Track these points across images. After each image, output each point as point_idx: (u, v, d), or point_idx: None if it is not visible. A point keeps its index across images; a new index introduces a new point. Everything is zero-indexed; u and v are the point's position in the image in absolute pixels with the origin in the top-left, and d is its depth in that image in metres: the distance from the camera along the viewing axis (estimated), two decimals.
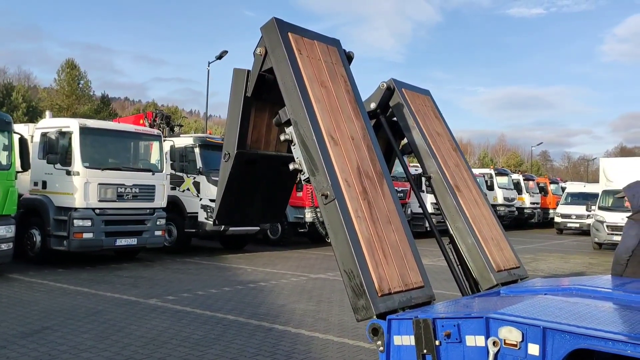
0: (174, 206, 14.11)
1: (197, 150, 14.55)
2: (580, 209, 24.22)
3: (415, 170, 24.59)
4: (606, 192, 18.67)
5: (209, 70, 27.21)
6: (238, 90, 4.03)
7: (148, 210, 12.62)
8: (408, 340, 3.35)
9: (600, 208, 18.31)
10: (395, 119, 5.00)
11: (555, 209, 30.55)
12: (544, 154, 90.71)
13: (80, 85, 50.54)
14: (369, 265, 3.52)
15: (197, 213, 14.33)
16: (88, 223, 11.36)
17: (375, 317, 3.45)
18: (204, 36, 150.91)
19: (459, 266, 5.00)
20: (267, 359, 5.58)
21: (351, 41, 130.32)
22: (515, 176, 28.47)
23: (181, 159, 14.52)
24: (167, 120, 17.19)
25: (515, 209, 27.03)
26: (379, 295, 3.49)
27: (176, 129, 17.56)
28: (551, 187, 30.62)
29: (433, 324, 3.20)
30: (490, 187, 25.57)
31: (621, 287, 4.10)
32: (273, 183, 4.45)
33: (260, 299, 8.68)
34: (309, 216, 16.98)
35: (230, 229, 14.47)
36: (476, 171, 27.09)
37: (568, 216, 24.74)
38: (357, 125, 3.93)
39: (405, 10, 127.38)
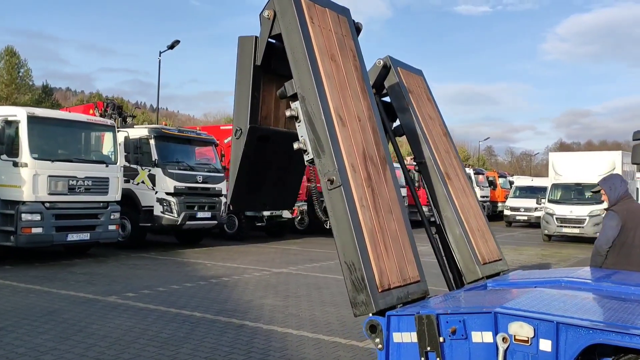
0: (128, 200, 13.57)
1: (152, 141, 14.04)
2: (529, 202, 24.99)
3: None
4: (555, 186, 19.30)
5: (160, 60, 26.44)
6: (246, 59, 3.71)
7: (101, 204, 12.09)
8: (409, 337, 3.23)
9: (550, 201, 18.91)
10: (388, 99, 4.86)
11: (504, 202, 31.43)
12: (489, 149, 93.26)
13: (21, 74, 48.18)
14: (371, 258, 3.38)
15: (152, 207, 13.84)
16: (37, 217, 10.75)
17: (374, 313, 3.33)
18: (155, 26, 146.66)
19: (443, 257, 4.94)
20: (242, 357, 5.37)
21: None
22: (467, 170, 29.02)
23: (135, 151, 13.97)
24: (118, 111, 16.55)
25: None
26: (380, 290, 3.36)
27: (129, 119, 16.92)
28: (500, 181, 31.48)
29: (437, 320, 3.10)
30: None
31: (607, 278, 4.13)
32: (284, 164, 4.17)
33: (226, 294, 8.43)
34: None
35: (187, 223, 14.11)
36: None
37: (517, 209, 25.47)
38: (364, 105, 3.77)
39: (357, 4, 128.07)
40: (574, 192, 19.07)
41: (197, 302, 7.77)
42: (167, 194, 13.83)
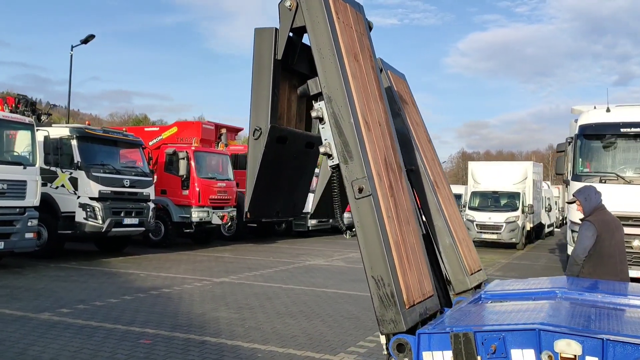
0: (45, 205, 12.44)
1: (74, 142, 13.03)
2: None
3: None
4: (475, 193, 20.17)
5: (72, 55, 24.72)
6: (265, 53, 3.36)
7: (18, 210, 11.03)
8: (441, 356, 3.08)
9: (470, 208, 19.73)
10: None
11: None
12: None
13: None
14: (398, 273, 3.20)
15: (74, 212, 12.83)
16: None
17: (405, 331, 3.16)
18: (55, 19, 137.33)
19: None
20: None
21: (213, 36, 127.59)
22: None
23: (55, 152, 12.88)
24: (32, 108, 15.18)
25: None
26: (407, 306, 3.19)
27: (43, 117, 15.59)
28: None
29: (474, 337, 2.98)
30: None
31: (597, 289, 4.22)
32: (297, 168, 3.86)
33: (173, 308, 7.91)
34: (196, 215, 16.13)
35: (113, 229, 13.23)
36: None
37: None
38: (382, 108, 3.58)
39: (270, 10, 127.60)
40: (491, 200, 20.04)
41: (144, 317, 7.21)
42: (91, 198, 12.88)
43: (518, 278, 11.64)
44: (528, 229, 19.92)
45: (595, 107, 12.35)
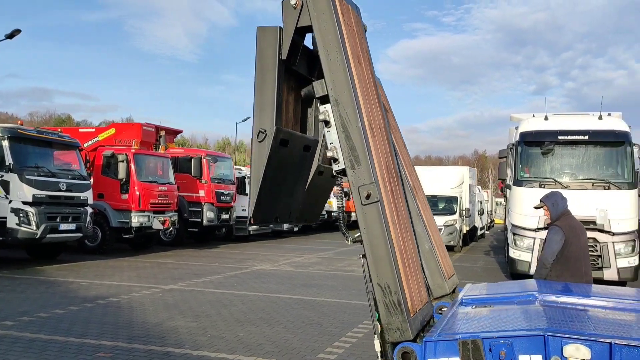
0: None
1: (6, 143, 12.20)
2: None
3: (239, 172, 23.85)
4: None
5: None
6: (268, 52, 3.23)
7: None
8: None
9: None
10: None
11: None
12: None
13: None
14: (403, 280, 3.19)
15: (5, 218, 12.00)
16: None
17: (411, 339, 3.15)
18: None
19: None
20: None
21: (141, 35, 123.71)
22: None
23: None
24: None
25: (325, 213, 28.37)
26: (412, 314, 3.19)
27: None
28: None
29: (482, 344, 3.01)
30: None
31: (569, 292, 4.39)
32: (296, 172, 3.74)
33: (126, 318, 7.55)
34: (136, 220, 15.52)
35: (48, 235, 12.49)
36: None
37: None
38: (380, 113, 3.56)
39: (200, 10, 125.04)
40: (430, 204, 20.49)
41: (97, 329, 6.83)
42: (25, 203, 12.11)
43: (468, 281, 11.97)
44: (464, 231, 20.60)
45: (534, 115, 12.98)
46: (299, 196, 3.97)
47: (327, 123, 3.22)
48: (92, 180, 14.75)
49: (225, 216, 19.50)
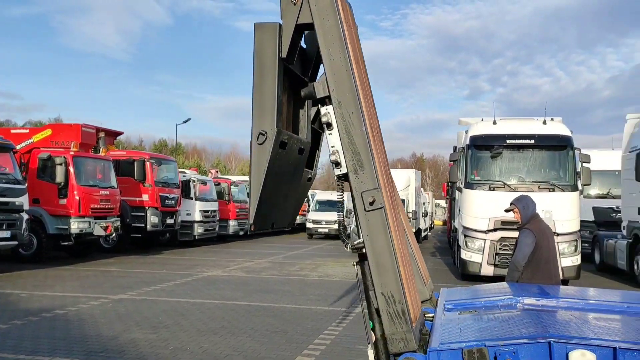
0: None
1: None
2: (329, 215, 26.50)
3: (184, 176, 23.25)
4: None
5: None
6: (268, 50, 3.03)
7: None
8: None
9: None
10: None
11: (302, 215, 32.79)
12: None
13: None
14: (405, 289, 3.09)
15: None
16: None
17: (415, 349, 3.04)
18: None
19: None
20: None
21: (69, 32, 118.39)
22: None
23: None
24: None
25: None
26: (413, 323, 3.09)
27: None
28: None
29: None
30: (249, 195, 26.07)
31: (546, 295, 4.42)
32: (291, 175, 3.54)
33: (77, 331, 7.06)
34: (75, 227, 14.72)
35: None
36: (234, 178, 27.33)
37: (319, 222, 26.75)
38: (376, 115, 3.44)
39: (133, 8, 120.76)
40: None
41: (48, 344, 6.35)
42: None
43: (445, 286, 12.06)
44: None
45: (482, 120, 13.32)
46: (292, 200, 3.80)
47: (328, 125, 3.07)
48: (26, 184, 13.87)
49: (170, 221, 18.89)
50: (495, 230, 11.98)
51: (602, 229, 16.38)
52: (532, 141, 12.17)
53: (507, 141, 12.19)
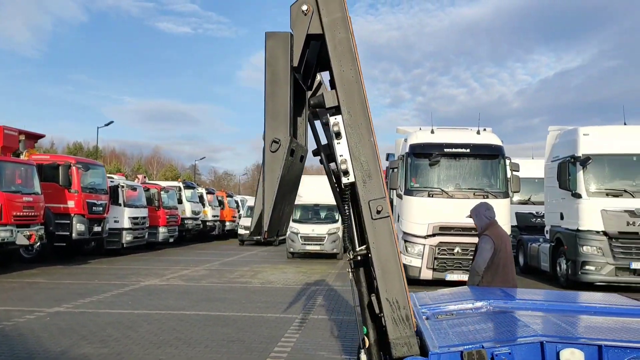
0: None
1: None
2: None
3: (112, 181, 22.42)
4: (296, 206, 20.76)
5: None
6: (280, 59, 3.01)
7: None
8: None
9: (293, 221, 20.25)
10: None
11: (232, 221, 32.39)
12: (193, 167, 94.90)
13: None
14: (407, 294, 3.17)
15: None
16: None
17: (419, 353, 3.12)
18: None
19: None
20: None
21: None
22: (199, 190, 29.05)
23: None
24: None
25: (200, 222, 27.52)
26: (414, 328, 3.18)
27: None
28: (227, 200, 32.34)
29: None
30: (179, 201, 25.43)
31: (512, 298, 4.65)
32: (294, 182, 3.50)
33: (20, 347, 6.60)
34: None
35: None
36: (164, 184, 26.57)
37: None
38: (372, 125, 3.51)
39: (44, 3, 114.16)
40: (312, 212, 20.90)
41: None
42: None
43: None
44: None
45: (420, 129, 13.77)
46: (290, 208, 3.78)
47: (337, 135, 3.12)
48: None
49: (97, 228, 18.03)
50: (433, 235, 12.41)
51: (524, 233, 17.36)
52: (468, 150, 12.73)
53: (445, 150, 12.67)
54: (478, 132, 13.09)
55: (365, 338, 3.65)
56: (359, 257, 3.44)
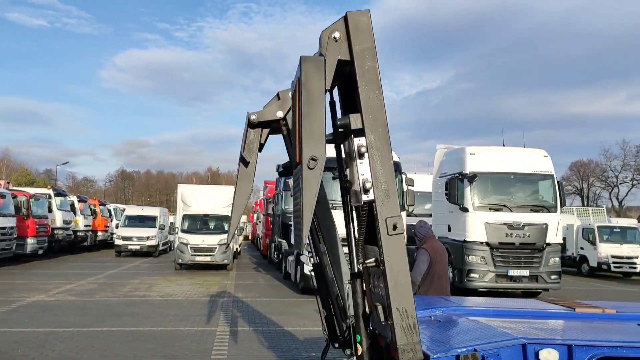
0: None
1: None
2: (141, 232, 25.17)
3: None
4: (185, 216, 20.18)
5: None
6: (315, 82, 3.16)
7: None
8: None
9: (182, 231, 19.66)
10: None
11: (104, 231, 30.42)
12: (49, 172, 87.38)
13: None
14: (414, 304, 3.45)
15: None
16: None
17: (422, 357, 3.39)
18: None
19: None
20: None
21: None
22: (70, 197, 26.91)
23: None
24: None
25: (72, 232, 25.53)
26: (418, 334, 3.45)
27: None
28: (99, 209, 30.34)
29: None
30: (50, 209, 23.42)
31: (460, 306, 5.10)
32: (322, 198, 3.57)
33: None
34: None
35: None
36: (32, 190, 24.33)
37: (130, 238, 25.13)
38: None
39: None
40: (201, 223, 20.42)
41: None
42: None
43: (272, 299, 12.35)
44: (235, 250, 20.99)
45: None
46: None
47: (361, 155, 3.34)
48: None
49: None
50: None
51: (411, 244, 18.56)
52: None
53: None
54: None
55: (359, 345, 3.87)
56: (361, 268, 3.65)
